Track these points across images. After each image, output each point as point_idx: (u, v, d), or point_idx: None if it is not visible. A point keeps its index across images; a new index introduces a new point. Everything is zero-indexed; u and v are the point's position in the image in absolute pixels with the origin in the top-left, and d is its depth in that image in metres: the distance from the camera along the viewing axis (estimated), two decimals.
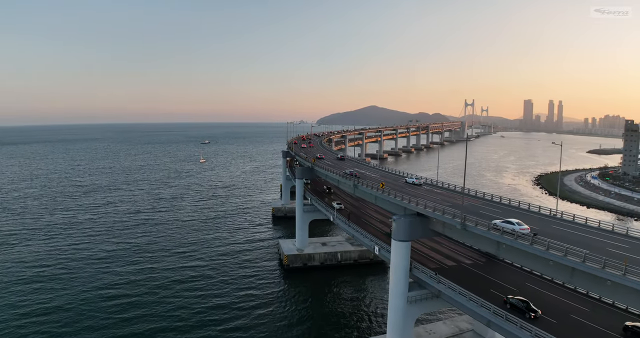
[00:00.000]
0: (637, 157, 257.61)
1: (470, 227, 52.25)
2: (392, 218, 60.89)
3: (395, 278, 61.79)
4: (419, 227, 61.05)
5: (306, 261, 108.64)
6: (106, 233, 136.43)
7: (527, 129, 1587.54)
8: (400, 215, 61.51)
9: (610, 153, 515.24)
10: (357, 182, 75.98)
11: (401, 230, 59.85)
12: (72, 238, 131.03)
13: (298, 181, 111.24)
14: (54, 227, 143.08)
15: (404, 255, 60.74)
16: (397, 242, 60.63)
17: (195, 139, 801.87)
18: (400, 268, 61.12)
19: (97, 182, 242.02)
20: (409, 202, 62.29)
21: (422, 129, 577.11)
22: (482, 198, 72.56)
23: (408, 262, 61.15)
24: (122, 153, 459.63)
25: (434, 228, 61.48)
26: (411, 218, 60.51)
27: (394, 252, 61.56)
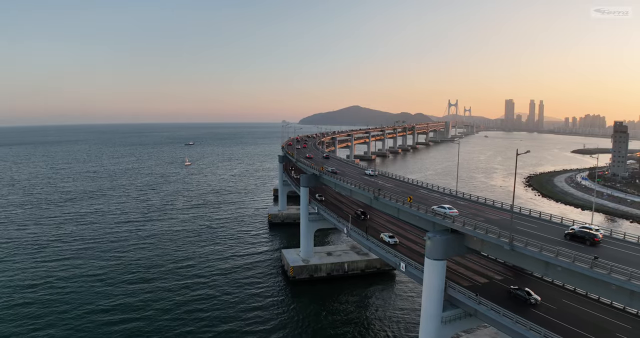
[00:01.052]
0: (625, 158, 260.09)
1: (519, 247, 48.48)
2: (427, 236, 56.92)
3: (428, 298, 57.80)
4: (454, 245, 57.24)
5: (312, 272, 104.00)
6: (96, 247, 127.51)
7: (509, 129, 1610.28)
8: (435, 232, 57.36)
9: (594, 153, 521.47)
10: (377, 194, 71.59)
11: (436, 249, 56.00)
12: (59, 252, 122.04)
13: (303, 189, 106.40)
14: (41, 240, 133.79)
15: (439, 275, 56.85)
16: (432, 261, 56.72)
17: (178, 140, 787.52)
18: (434, 288, 57.20)
19: (82, 188, 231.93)
20: (443, 218, 57.98)
21: (409, 130, 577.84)
22: (510, 210, 68.74)
23: (443, 282, 57.31)
24: (104, 156, 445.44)
25: (470, 245, 57.84)
26: (447, 235, 56.49)
27: (427, 271, 57.59)
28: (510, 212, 60.35)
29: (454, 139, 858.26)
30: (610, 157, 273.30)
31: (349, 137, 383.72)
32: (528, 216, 66.70)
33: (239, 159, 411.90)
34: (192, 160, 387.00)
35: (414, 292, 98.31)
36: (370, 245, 74.60)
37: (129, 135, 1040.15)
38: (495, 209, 69.57)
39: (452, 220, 56.69)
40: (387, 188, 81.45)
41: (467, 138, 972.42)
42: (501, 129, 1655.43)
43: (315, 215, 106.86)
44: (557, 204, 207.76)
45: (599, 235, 50.77)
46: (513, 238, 49.35)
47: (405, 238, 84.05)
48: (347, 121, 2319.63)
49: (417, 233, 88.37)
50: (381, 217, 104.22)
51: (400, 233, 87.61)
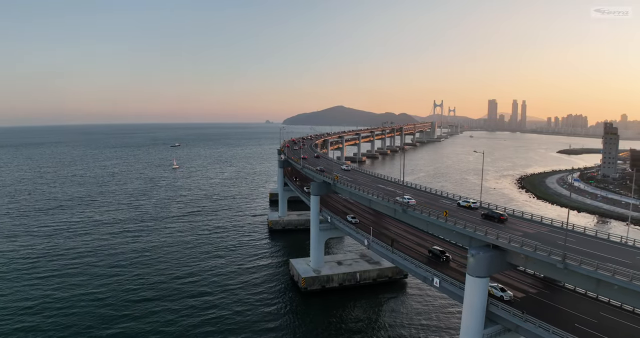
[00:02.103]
0: (616, 159, 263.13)
1: (572, 266, 46.36)
2: (470, 253, 54.85)
3: (470, 316, 55.66)
4: (496, 262, 55.17)
5: (324, 283, 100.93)
6: (91, 261, 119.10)
7: (492, 129, 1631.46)
8: (478, 249, 54.98)
9: (580, 153, 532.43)
10: (406, 207, 68.91)
11: (480, 266, 53.87)
12: (53, 268, 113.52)
13: (313, 198, 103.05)
14: (32, 254, 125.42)
15: (482, 292, 54.71)
16: (474, 278, 54.48)
17: (163, 141, 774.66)
18: (476, 305, 55.07)
19: (70, 194, 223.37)
20: (485, 234, 55.63)
21: (397, 131, 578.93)
22: (542, 222, 66.93)
23: (485, 299, 55.17)
24: (90, 158, 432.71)
25: (512, 261, 55.87)
26: (491, 252, 54.24)
27: (469, 289, 55.36)
28: (564, 230, 57.96)
29: (440, 139, 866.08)
30: (601, 158, 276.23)
31: (340, 138, 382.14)
32: (560, 228, 64.89)
33: (227, 161, 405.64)
34: (179, 162, 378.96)
35: (427, 301, 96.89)
36: (397, 259, 71.73)
37: (110, 136, 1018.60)
38: (527, 221, 67.43)
39: (496, 237, 54.36)
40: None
41: (452, 138, 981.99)
42: (484, 128, 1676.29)
43: (327, 224, 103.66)
44: (553, 206, 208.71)
45: (505, 215, 66.86)
46: (566, 256, 47.26)
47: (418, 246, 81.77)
48: (332, 121, 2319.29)
49: (432, 241, 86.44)
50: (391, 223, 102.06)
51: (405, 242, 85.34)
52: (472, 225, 58.76)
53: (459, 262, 71.68)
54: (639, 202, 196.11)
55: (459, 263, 71.18)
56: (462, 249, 76.94)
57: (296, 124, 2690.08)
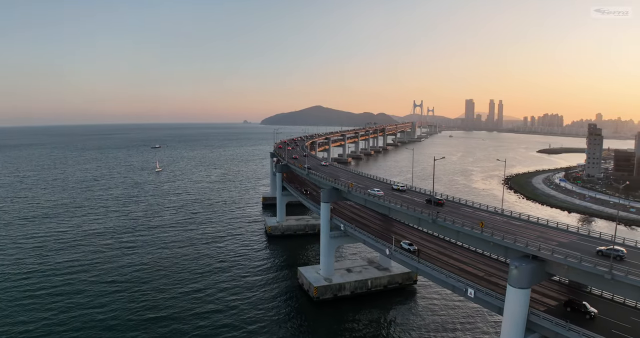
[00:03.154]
0: (600, 160, 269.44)
1: (620, 276, 46.28)
2: (513, 265, 54.55)
3: (510, 326, 55.65)
4: (536, 272, 55.08)
5: (336, 292, 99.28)
6: (87, 274, 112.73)
7: (469, 128, 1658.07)
8: (520, 261, 54.64)
9: (559, 152, 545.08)
10: (436, 216, 67.96)
11: (522, 277, 53.78)
12: (47, 283, 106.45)
13: (324, 205, 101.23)
14: (23, 267, 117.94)
15: (523, 304, 54.63)
16: (516, 290, 54.31)
17: (141, 142, 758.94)
18: (517, 317, 55.05)
19: (55, 200, 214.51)
20: (526, 246, 55.34)
21: (380, 131, 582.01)
22: (570, 231, 67.03)
23: (527, 310, 55.04)
24: (69, 161, 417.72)
25: (552, 271, 56.02)
26: (532, 263, 54.00)
27: (510, 300, 55.14)
28: (612, 242, 57.88)
29: (420, 139, 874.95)
30: (585, 159, 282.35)
31: (326, 140, 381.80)
32: (587, 236, 65.12)
33: (212, 164, 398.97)
34: (162, 165, 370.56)
35: (439, 306, 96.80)
36: (425, 269, 70.54)
37: (87, 137, 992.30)
38: (558, 230, 67.36)
39: (538, 248, 54.11)
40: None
41: (431, 138, 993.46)
42: (462, 128, 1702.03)
43: (338, 231, 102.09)
44: (543, 207, 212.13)
45: (443, 200, 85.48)
46: (613, 267, 47.19)
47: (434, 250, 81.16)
48: (310, 121, 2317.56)
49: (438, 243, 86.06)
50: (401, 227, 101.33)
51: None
52: (511, 237, 58.35)
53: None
54: (629, 202, 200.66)
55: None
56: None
57: (274, 124, 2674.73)
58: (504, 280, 68.70)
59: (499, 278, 70.12)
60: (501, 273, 72.36)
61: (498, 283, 67.54)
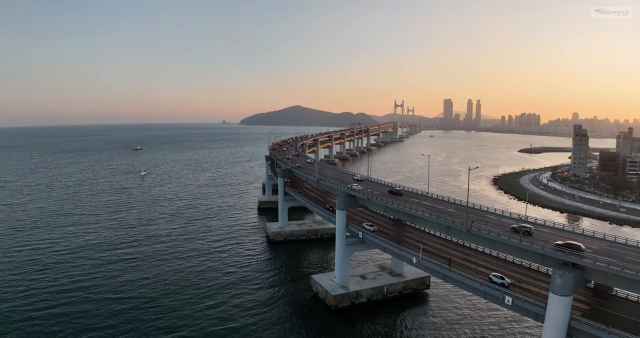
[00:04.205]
0: (585, 160, 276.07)
1: None
2: (556, 274, 55.55)
3: (552, 333, 57.18)
4: (578, 279, 56.50)
5: (354, 299, 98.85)
6: (90, 288, 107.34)
7: (448, 127, 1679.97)
8: (564, 269, 55.74)
9: (540, 152, 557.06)
10: (470, 225, 68.13)
11: (566, 285, 54.99)
12: (50, 298, 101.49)
13: (339, 212, 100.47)
14: (21, 282, 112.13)
15: (566, 310, 56.14)
16: (559, 297, 55.63)
17: (121, 144, 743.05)
18: (559, 323, 56.46)
19: (42, 207, 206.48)
20: (567, 254, 56.23)
21: (364, 132, 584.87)
22: (595, 237, 68.19)
23: (568, 317, 56.30)
24: (51, 165, 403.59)
25: (591, 278, 57.96)
26: (575, 272, 55.31)
27: (554, 307, 56.46)
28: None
29: (402, 140, 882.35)
30: (572, 159, 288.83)
31: (315, 141, 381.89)
32: (613, 242, 66.39)
33: (198, 166, 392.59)
34: (147, 169, 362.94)
35: (450, 310, 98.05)
36: (458, 279, 70.64)
37: (62, 140, 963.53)
38: (589, 238, 68.53)
39: (580, 256, 54.87)
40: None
41: (412, 138, 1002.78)
42: (440, 127, 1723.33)
43: (354, 238, 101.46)
44: (535, 208, 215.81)
45: (401, 191, 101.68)
46: None
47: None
48: (290, 121, 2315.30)
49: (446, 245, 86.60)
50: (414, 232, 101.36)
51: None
52: (551, 246, 59.07)
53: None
54: (619, 202, 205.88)
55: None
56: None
57: (253, 124, 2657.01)
58: (535, 286, 69.69)
59: (529, 284, 70.91)
60: (530, 280, 73.18)
61: (529, 290, 68.32)
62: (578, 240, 66.51)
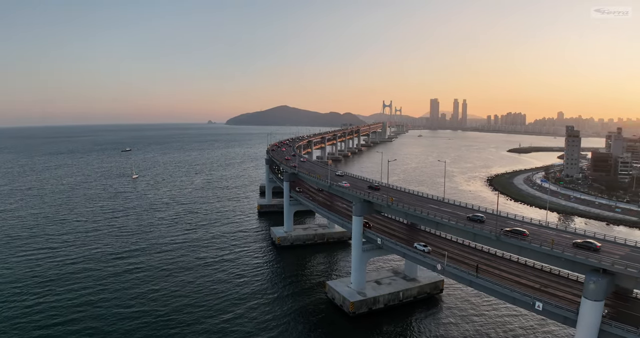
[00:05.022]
0: (577, 160, 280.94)
1: None
2: (590, 280, 57.49)
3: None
4: (609, 285, 58.47)
5: (371, 305, 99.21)
6: (100, 303, 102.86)
7: (434, 127, 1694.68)
8: (597, 276, 57.70)
9: (529, 151, 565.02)
10: (500, 234, 69.04)
11: (599, 291, 57.06)
12: (57, 314, 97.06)
13: (356, 219, 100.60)
14: (24, 296, 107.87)
15: (598, 315, 58.15)
16: (592, 302, 57.55)
17: (109, 145, 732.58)
18: (592, 327, 58.54)
19: (36, 213, 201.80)
20: (599, 261, 58.46)
21: (355, 133, 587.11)
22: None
23: (600, 321, 58.25)
24: (39, 167, 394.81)
25: (622, 283, 60.06)
26: (607, 278, 57.25)
27: (587, 312, 58.50)
28: None
29: (391, 140, 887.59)
30: (564, 159, 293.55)
31: (309, 143, 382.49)
32: (634, 247, 68.00)
33: (191, 169, 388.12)
34: (138, 172, 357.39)
35: (464, 314, 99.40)
36: (486, 285, 71.47)
37: (47, 141, 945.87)
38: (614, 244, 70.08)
39: (612, 264, 56.58)
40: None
41: (401, 138, 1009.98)
42: (427, 127, 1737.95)
43: (370, 244, 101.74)
44: (532, 208, 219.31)
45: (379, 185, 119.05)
46: None
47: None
48: (277, 121, 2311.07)
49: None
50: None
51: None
52: (584, 254, 60.50)
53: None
54: (615, 203, 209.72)
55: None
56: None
57: (240, 124, 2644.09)
58: (562, 291, 70.90)
59: (555, 289, 72.10)
60: (555, 284, 74.30)
61: (556, 295, 69.56)
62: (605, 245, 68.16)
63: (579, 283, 74.14)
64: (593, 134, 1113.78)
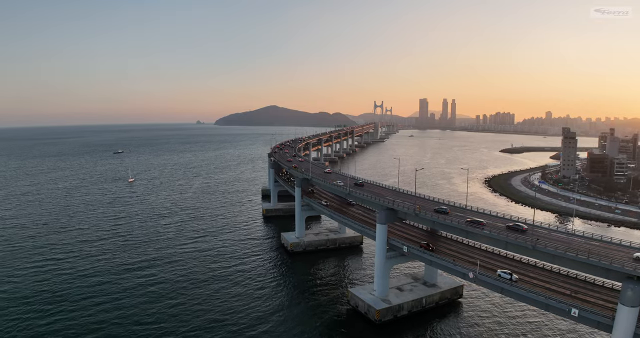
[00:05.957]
0: (574, 162, 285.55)
1: None
2: (628, 287, 60.43)
3: None
4: None
5: (396, 312, 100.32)
6: (112, 318, 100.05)
7: (424, 127, 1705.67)
8: (633, 283, 60.45)
9: (521, 151, 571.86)
10: (535, 243, 70.63)
11: (636, 297, 60.30)
12: (69, 332, 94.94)
13: (380, 227, 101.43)
14: (35, 311, 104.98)
15: (634, 320, 61.19)
16: (628, 308, 60.67)
17: (99, 147, 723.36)
18: (628, 332, 61.36)
19: (35, 218, 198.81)
20: (634, 269, 61.35)
21: (349, 134, 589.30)
22: None
23: (634, 326, 61.11)
24: (33, 171, 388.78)
25: None
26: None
27: (623, 318, 61.37)
28: None
29: (383, 140, 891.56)
30: (560, 160, 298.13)
31: (307, 145, 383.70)
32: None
33: (188, 171, 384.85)
34: (134, 175, 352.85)
35: (486, 319, 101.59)
36: (523, 293, 72.93)
37: (35, 142, 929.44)
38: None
39: None
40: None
41: (392, 138, 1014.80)
42: (416, 126, 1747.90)
43: (394, 252, 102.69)
44: (532, 210, 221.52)
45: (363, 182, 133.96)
46: None
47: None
48: (266, 121, 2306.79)
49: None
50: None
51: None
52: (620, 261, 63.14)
53: None
54: (615, 204, 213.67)
55: None
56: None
57: (229, 124, 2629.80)
58: (592, 297, 72.76)
59: (585, 295, 73.88)
60: (584, 291, 76.07)
61: (587, 301, 71.57)
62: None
63: (605, 288, 76.40)
64: (581, 133, 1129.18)
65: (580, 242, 75.86)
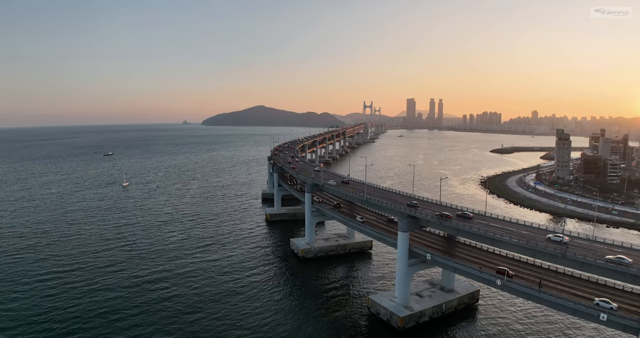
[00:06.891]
0: (568, 163, 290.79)
1: None
2: None
3: None
4: None
5: (418, 319, 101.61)
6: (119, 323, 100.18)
7: (411, 126, 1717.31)
8: None
9: (511, 152, 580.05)
10: (565, 251, 72.73)
11: None
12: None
13: (402, 234, 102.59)
14: (40, 327, 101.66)
15: None
16: None
17: (88, 149, 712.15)
18: None
19: (30, 225, 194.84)
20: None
21: (342, 135, 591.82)
22: None
23: None
24: (25, 174, 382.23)
25: None
26: None
27: None
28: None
29: (373, 140, 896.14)
30: (555, 161, 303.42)
31: (303, 147, 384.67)
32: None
33: (183, 174, 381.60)
34: (128, 178, 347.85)
35: (504, 322, 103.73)
36: (551, 300, 74.75)
37: (24, 144, 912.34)
38: None
39: None
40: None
41: (381, 138, 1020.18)
42: (404, 126, 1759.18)
43: (415, 259, 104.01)
44: (532, 212, 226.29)
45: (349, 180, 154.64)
46: None
47: None
48: (254, 121, 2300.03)
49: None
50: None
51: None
52: None
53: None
54: (612, 205, 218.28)
55: None
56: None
57: (216, 124, 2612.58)
58: (615, 301, 74.92)
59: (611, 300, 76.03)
60: (606, 295, 78.28)
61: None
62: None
63: (625, 292, 79.10)
64: (567, 132, 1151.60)
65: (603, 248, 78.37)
